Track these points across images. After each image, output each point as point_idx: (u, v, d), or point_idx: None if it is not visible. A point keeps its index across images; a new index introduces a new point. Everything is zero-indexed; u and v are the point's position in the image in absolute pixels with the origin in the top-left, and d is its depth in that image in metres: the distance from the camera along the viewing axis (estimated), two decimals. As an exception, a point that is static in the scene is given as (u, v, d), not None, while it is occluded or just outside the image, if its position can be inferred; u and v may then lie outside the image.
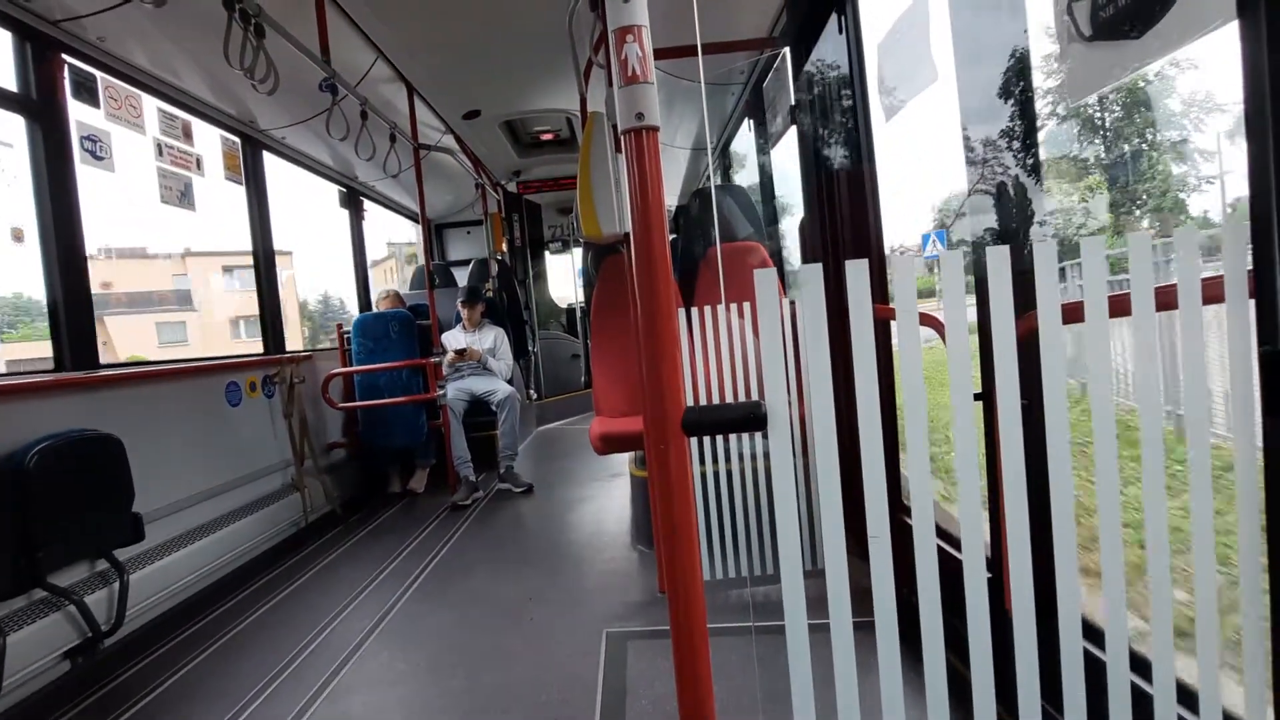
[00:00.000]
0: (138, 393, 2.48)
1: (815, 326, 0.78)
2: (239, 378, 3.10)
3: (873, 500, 0.77)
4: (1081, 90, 1.35)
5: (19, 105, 2.23)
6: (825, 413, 0.78)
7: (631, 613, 2.16)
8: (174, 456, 2.59)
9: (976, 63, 1.55)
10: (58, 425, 2.05)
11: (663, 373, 0.86)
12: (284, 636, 2.20)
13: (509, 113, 4.51)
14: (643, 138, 0.82)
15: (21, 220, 2.30)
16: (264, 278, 3.61)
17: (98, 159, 2.47)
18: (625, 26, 0.80)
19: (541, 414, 6.22)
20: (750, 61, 3.40)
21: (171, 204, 2.89)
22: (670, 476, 0.86)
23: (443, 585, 2.54)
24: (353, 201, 4.92)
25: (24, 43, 2.24)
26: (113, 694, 1.93)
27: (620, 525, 3.07)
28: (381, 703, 1.77)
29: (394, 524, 3.47)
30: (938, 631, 0.77)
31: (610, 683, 1.76)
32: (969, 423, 0.80)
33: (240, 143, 3.46)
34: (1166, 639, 0.77)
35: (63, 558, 1.99)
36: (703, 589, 0.89)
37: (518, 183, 6.28)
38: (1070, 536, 0.77)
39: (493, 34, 3.24)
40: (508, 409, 3.88)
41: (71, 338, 2.31)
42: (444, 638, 2.11)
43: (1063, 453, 0.77)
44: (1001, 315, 0.76)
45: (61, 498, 1.95)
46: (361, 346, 4.05)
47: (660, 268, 0.83)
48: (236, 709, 1.78)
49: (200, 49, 2.66)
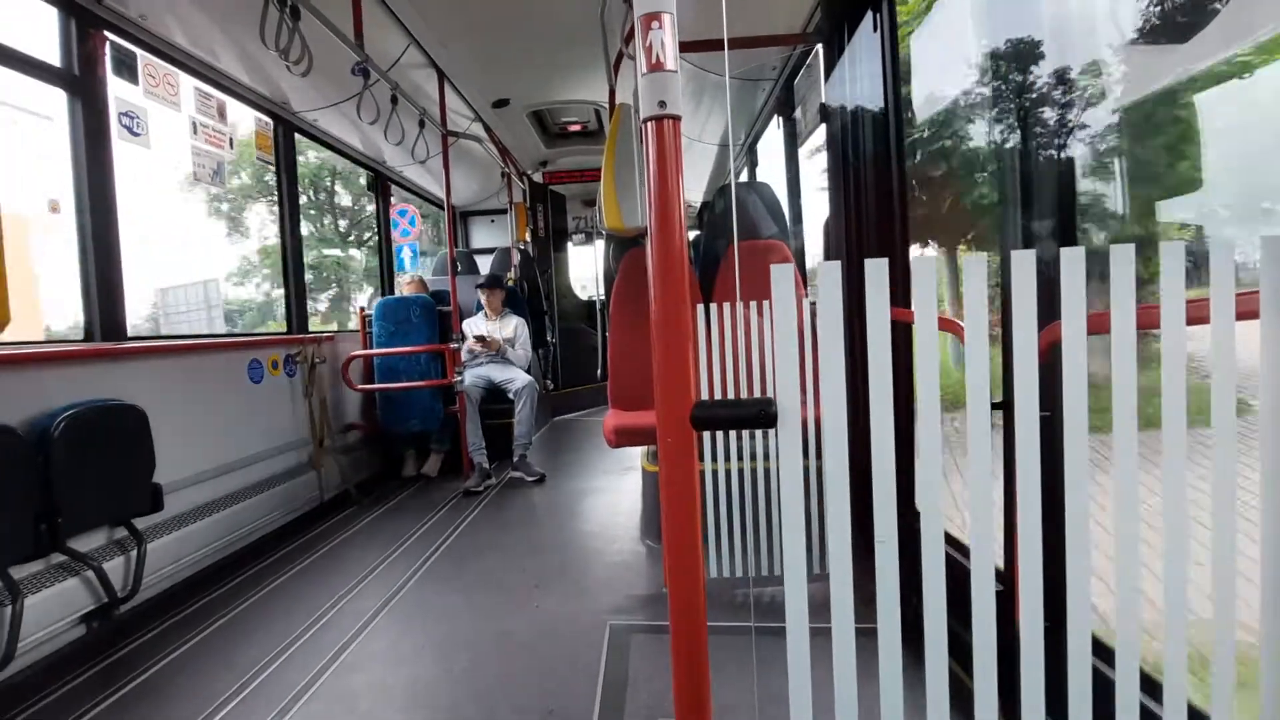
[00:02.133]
0: (162, 365, 2.53)
1: (831, 325, 0.76)
2: (261, 355, 3.15)
3: (881, 504, 0.76)
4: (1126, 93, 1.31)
5: (61, 80, 2.28)
6: (837, 413, 0.77)
7: (636, 606, 2.16)
8: (195, 429, 2.65)
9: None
10: (84, 394, 2.11)
11: (674, 365, 0.85)
12: (294, 611, 2.24)
13: (538, 103, 4.52)
14: (664, 126, 0.81)
15: (57, 193, 2.35)
16: (290, 259, 3.66)
17: (134, 135, 2.52)
18: (652, 12, 0.79)
19: (557, 405, 6.24)
20: (782, 58, 3.36)
21: (204, 181, 2.95)
22: (677, 470, 0.85)
23: (452, 569, 2.57)
24: (380, 185, 4.97)
25: (69, 19, 2.29)
26: (125, 659, 1.98)
27: (630, 519, 3.07)
28: (385, 681, 1.79)
29: (407, 507, 3.51)
30: (942, 640, 0.76)
31: (611, 674, 1.76)
32: (984, 431, 0.78)
33: (273, 124, 3.51)
34: (1180, 659, 0.74)
35: (84, 524, 2.04)
36: (704, 585, 0.88)
37: (544, 173, 6.30)
38: (1085, 552, 0.75)
39: (525, 23, 3.25)
40: (525, 398, 3.90)
41: (102, 309, 2.37)
42: (450, 620, 2.13)
43: (1080, 466, 0.75)
44: (1024, 322, 0.74)
45: (85, 465, 2.00)
46: (382, 330, 4.09)
47: (676, 259, 0.82)
48: (244, 679, 1.82)
49: (237, 29, 2.70)
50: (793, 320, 0.76)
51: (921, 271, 0.75)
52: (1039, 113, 1.49)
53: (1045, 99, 1.48)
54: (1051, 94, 1.47)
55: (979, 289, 0.74)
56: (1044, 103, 1.48)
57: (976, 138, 2.84)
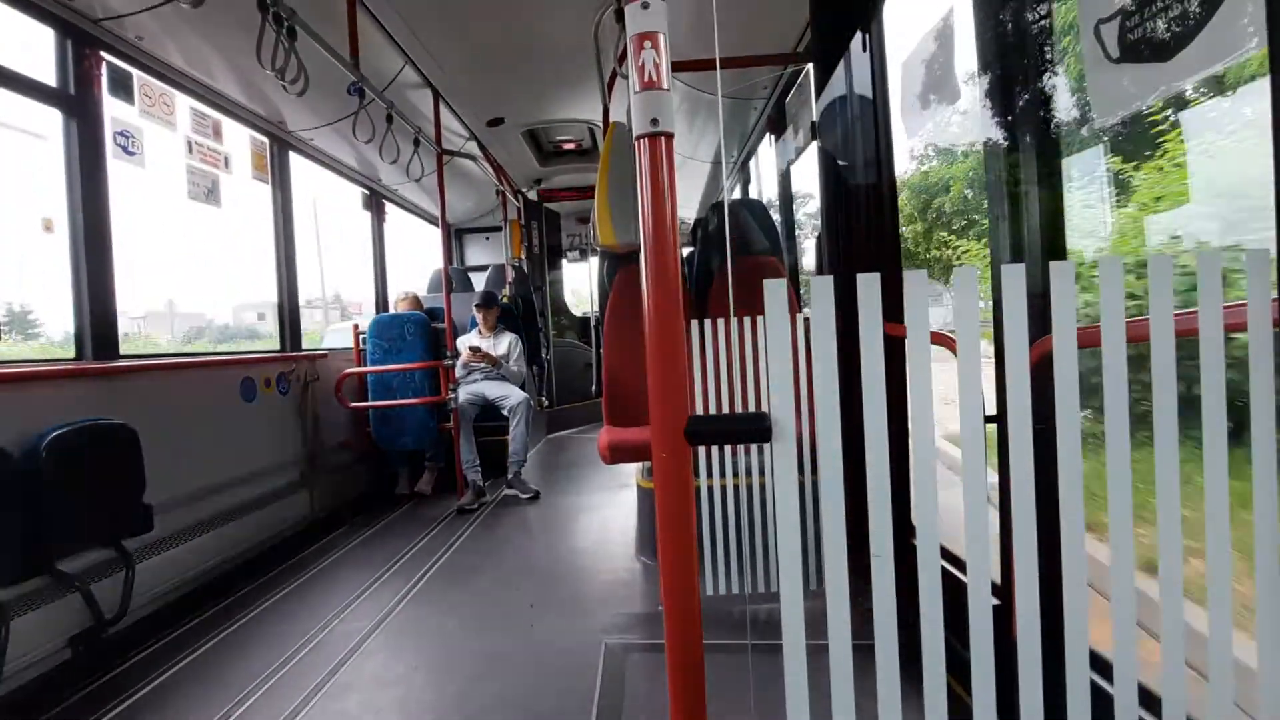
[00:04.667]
0: (154, 384, 2.51)
1: (824, 340, 0.77)
2: (254, 373, 3.14)
3: (877, 519, 0.76)
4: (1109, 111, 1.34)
5: (56, 99, 2.29)
6: (831, 428, 0.77)
7: (632, 625, 2.14)
8: (187, 449, 2.62)
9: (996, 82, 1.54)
10: (74, 413, 2.09)
11: (669, 380, 0.85)
12: (285, 633, 2.20)
13: (532, 121, 4.56)
14: (658, 144, 0.82)
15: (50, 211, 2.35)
16: (285, 277, 3.66)
17: (129, 154, 2.53)
18: (644, 33, 0.80)
19: (551, 421, 6.22)
20: (774, 77, 3.41)
21: (199, 200, 2.95)
22: (672, 485, 0.85)
23: (445, 589, 2.54)
24: (375, 204, 4.99)
25: (65, 39, 2.31)
26: (112, 683, 1.94)
27: (625, 536, 3.05)
28: (377, 703, 1.76)
29: (399, 525, 3.48)
30: (939, 656, 0.75)
31: (607, 696, 1.74)
32: (978, 445, 0.78)
33: (268, 143, 3.53)
34: (1179, 675, 0.74)
35: (72, 545, 2.01)
36: (699, 602, 0.87)
37: (538, 190, 6.34)
38: (1081, 567, 0.74)
39: (519, 44, 3.29)
40: (520, 415, 3.89)
41: (94, 328, 2.35)
42: (444, 641, 2.10)
43: (1074, 481, 0.75)
44: (1015, 335, 0.74)
45: (74, 486, 1.97)
46: (376, 347, 4.08)
47: (669, 274, 0.82)
48: (234, 702, 1.78)
49: (233, 50, 2.72)
50: (786, 335, 0.77)
51: (914, 286, 0.75)
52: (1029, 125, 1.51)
53: (1033, 113, 1.50)
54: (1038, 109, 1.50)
55: (970, 302, 0.75)
56: (1032, 116, 1.51)
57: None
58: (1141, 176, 2.17)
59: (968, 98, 1.83)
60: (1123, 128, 2.02)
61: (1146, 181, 2.14)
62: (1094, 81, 1.29)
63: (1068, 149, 1.54)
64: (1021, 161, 1.51)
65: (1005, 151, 1.54)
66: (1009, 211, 1.51)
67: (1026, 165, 1.50)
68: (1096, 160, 2.15)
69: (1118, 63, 1.24)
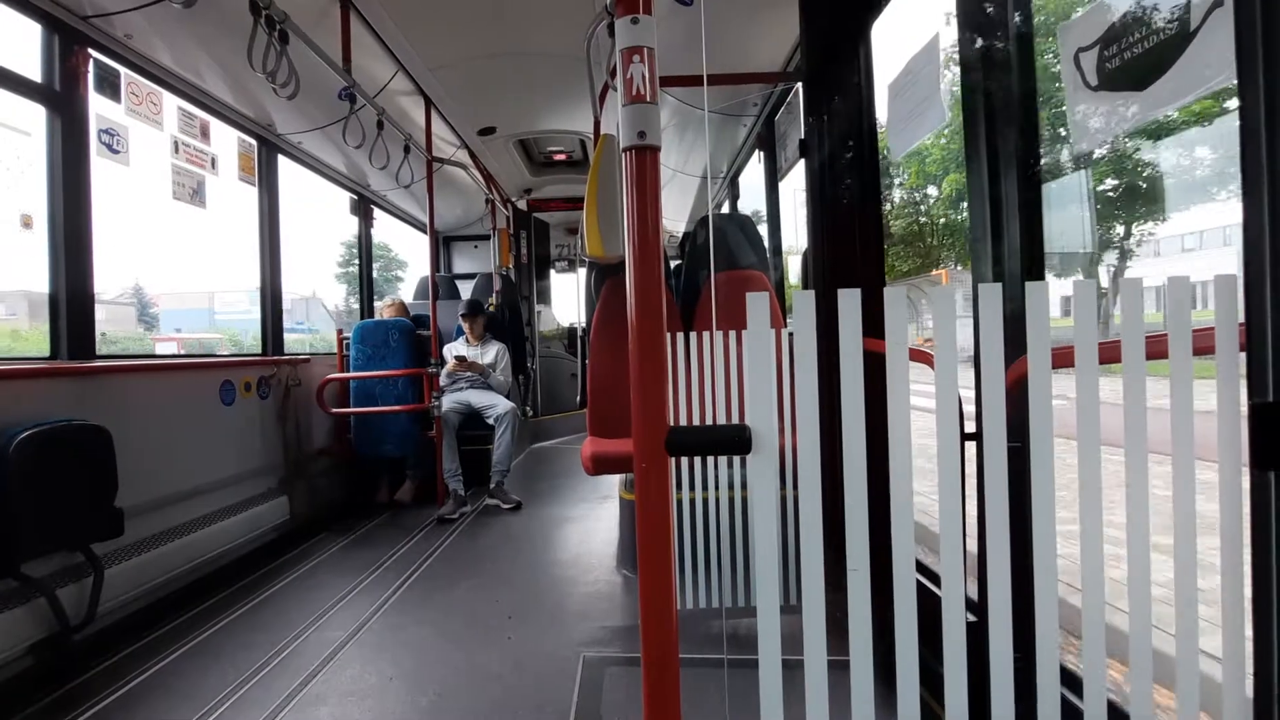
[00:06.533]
0: (131, 385, 2.47)
1: (806, 354, 0.77)
2: (234, 376, 3.10)
3: (854, 533, 0.76)
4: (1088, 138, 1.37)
5: (41, 95, 2.26)
6: (810, 441, 0.77)
7: (611, 638, 2.12)
8: (162, 452, 2.58)
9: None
10: (47, 414, 2.05)
11: (651, 391, 0.85)
12: (258, 641, 2.16)
13: (524, 131, 4.58)
14: (644, 157, 0.83)
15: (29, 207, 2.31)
16: (269, 280, 3.62)
17: (114, 152, 2.50)
18: (633, 47, 0.81)
19: (536, 432, 6.19)
20: (764, 94, 3.46)
21: (183, 200, 2.92)
22: (651, 496, 0.85)
23: (422, 599, 2.50)
24: (363, 209, 4.97)
25: (52, 35, 2.29)
26: (75, 692, 1.89)
27: (607, 548, 3.03)
28: (349, 715, 1.73)
29: (378, 534, 3.43)
30: (913, 670, 0.75)
31: (584, 708, 1.72)
32: (954, 462, 0.79)
33: (256, 145, 3.50)
34: (1146, 690, 0.75)
35: (38, 547, 1.96)
36: (676, 615, 0.87)
37: (528, 200, 6.35)
38: (1052, 584, 0.75)
39: (512, 54, 3.30)
40: (506, 424, 3.87)
41: (70, 327, 2.31)
42: (419, 652, 2.07)
43: (1047, 499, 0.76)
44: (991, 353, 0.75)
45: (42, 487, 1.93)
46: (360, 353, 4.05)
47: (654, 285, 0.83)
48: (200, 714, 1.74)
49: (224, 51, 2.71)
50: (769, 347, 0.77)
51: (894, 302, 0.76)
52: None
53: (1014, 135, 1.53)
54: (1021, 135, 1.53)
55: (948, 320, 0.76)
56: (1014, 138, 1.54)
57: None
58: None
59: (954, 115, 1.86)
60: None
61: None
62: (1073, 108, 1.32)
63: (1048, 173, 1.58)
64: (1003, 181, 1.54)
65: (988, 169, 1.57)
66: (990, 231, 1.53)
67: (1008, 185, 1.53)
68: (1079, 182, 2.19)
69: (1096, 90, 1.27)
